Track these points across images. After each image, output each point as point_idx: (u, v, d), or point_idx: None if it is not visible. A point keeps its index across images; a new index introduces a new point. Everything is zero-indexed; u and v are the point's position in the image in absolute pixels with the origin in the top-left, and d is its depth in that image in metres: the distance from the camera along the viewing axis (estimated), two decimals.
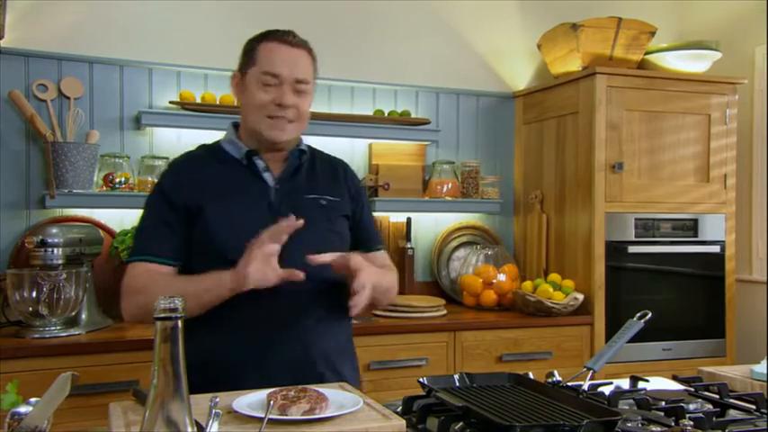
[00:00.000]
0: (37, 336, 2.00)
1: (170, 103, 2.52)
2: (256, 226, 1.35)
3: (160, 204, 1.46)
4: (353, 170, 1.67)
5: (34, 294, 2.00)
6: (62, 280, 2.02)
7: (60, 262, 2.06)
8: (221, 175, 1.49)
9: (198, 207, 1.43)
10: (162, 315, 0.74)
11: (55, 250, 2.05)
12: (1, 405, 0.89)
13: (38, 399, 0.89)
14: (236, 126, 1.56)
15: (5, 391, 0.91)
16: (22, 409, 0.87)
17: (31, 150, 2.37)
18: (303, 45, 1.51)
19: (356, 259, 1.38)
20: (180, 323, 0.75)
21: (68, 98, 2.39)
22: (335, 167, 1.62)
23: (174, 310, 0.75)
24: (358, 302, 1.34)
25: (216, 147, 1.57)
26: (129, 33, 2.49)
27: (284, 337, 1.41)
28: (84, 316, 2.14)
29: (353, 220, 1.58)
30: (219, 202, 1.44)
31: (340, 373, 1.45)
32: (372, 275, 1.39)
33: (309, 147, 1.60)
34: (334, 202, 1.53)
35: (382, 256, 1.63)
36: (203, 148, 1.60)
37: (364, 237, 1.60)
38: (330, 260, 1.38)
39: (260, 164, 1.50)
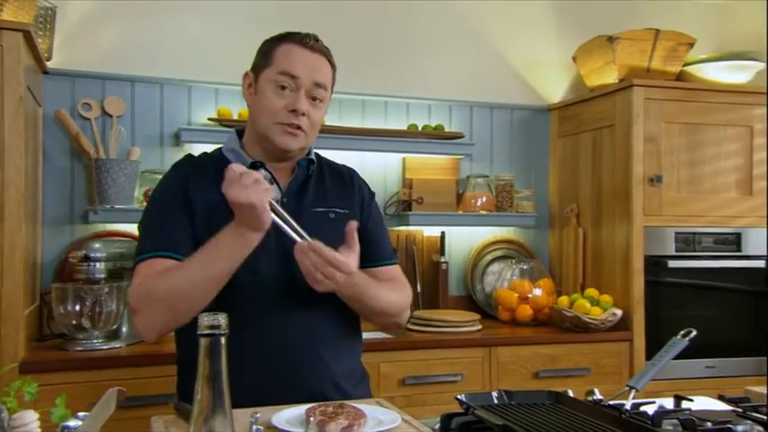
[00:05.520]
0: (80, 348, 2.05)
1: (208, 119, 2.57)
2: (263, 242, 1.27)
3: (172, 198, 1.36)
4: (362, 178, 1.59)
5: (77, 308, 2.05)
6: (104, 293, 2.07)
7: (102, 276, 2.11)
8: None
9: (202, 218, 1.34)
10: (206, 332, 0.76)
11: (97, 264, 2.11)
12: (51, 418, 0.92)
13: (86, 413, 0.91)
14: (239, 134, 1.48)
15: (54, 404, 0.93)
16: (72, 422, 0.90)
17: (76, 167, 2.44)
18: (324, 51, 1.44)
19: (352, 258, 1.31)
20: (223, 339, 0.76)
21: (111, 116, 2.46)
22: (343, 176, 1.54)
23: (218, 327, 0.76)
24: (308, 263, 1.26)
25: (217, 155, 1.47)
26: (169, 53, 2.55)
27: (299, 366, 1.36)
28: (124, 329, 2.19)
29: (362, 231, 1.47)
30: (224, 216, 1.27)
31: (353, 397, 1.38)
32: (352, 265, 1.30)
33: (317, 155, 1.52)
34: (344, 215, 1.45)
35: (390, 270, 1.53)
36: (205, 156, 1.50)
37: (372, 248, 1.50)
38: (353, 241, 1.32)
39: (266, 175, 1.39)
